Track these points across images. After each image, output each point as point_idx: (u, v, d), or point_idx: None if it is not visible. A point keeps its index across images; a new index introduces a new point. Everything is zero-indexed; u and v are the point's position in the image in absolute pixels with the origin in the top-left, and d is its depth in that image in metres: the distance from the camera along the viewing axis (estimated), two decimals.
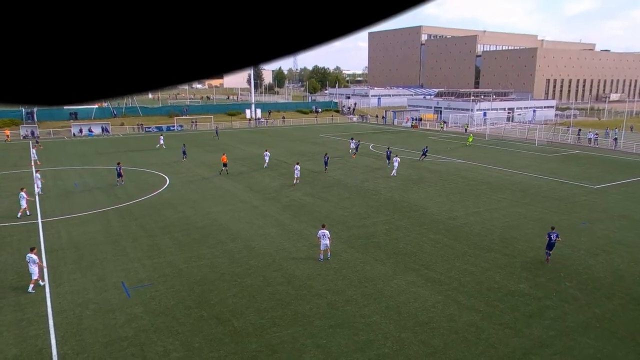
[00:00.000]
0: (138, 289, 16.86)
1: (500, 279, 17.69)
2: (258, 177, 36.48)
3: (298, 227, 23.99)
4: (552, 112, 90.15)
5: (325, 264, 19.01)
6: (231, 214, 26.18)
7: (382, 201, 29.17)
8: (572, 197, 30.36)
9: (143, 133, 69.46)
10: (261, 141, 58.63)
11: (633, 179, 36.02)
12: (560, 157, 46.42)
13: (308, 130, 71.95)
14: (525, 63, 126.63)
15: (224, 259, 19.62)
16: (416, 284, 17.20)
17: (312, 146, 53.94)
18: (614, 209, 27.42)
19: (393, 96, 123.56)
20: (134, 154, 48.74)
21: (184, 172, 38.32)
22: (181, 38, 0.81)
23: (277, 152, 48.76)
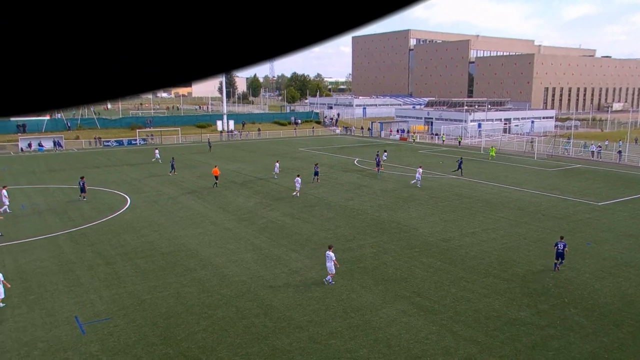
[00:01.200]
0: (94, 324, 16.47)
1: (500, 306, 17.80)
2: (231, 195, 36.28)
3: (276, 251, 23.84)
4: (551, 122, 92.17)
5: (306, 293, 18.89)
6: (201, 238, 25.92)
7: (369, 221, 29.24)
8: (575, 215, 30.90)
9: (101, 147, 68.64)
10: (234, 156, 58.47)
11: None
12: (561, 172, 47.33)
13: (286, 144, 72.07)
14: (522, 70, 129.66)
15: (193, 289, 19.35)
16: (407, 314, 17.18)
17: (291, 161, 53.99)
18: (621, 228, 27.97)
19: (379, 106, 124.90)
20: (91, 170, 48.03)
21: (147, 191, 37.89)
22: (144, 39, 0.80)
23: (252, 168, 48.65)
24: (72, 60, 0.79)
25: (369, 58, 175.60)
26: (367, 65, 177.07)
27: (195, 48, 0.83)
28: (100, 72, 0.82)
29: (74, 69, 0.81)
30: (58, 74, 0.80)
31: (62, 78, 0.81)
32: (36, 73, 0.80)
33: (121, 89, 0.87)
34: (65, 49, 0.78)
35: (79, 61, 0.80)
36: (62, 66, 0.80)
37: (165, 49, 0.82)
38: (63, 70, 0.80)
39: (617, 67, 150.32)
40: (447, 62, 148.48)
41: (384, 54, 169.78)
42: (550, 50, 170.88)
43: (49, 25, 0.74)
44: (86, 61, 0.80)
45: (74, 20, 0.74)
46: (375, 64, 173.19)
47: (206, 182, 41.00)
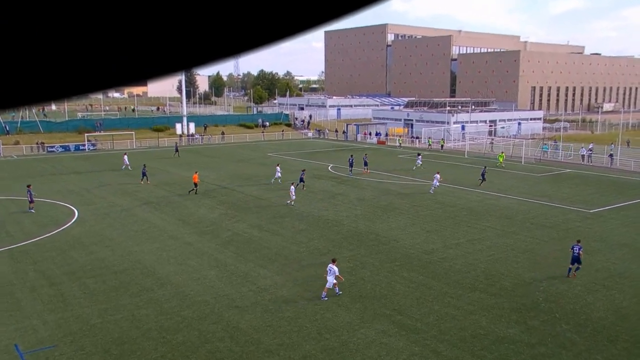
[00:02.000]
0: (37, 352, 16.05)
1: (487, 323, 18.04)
2: (192, 206, 35.94)
3: (243, 267, 23.69)
4: (539, 124, 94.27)
5: (277, 313, 18.80)
6: (158, 254, 25.58)
7: (345, 233, 29.32)
8: (565, 223, 31.59)
9: (44, 154, 67.20)
10: (195, 162, 57.96)
11: (633, 201, 37.95)
12: (550, 177, 48.39)
13: (253, 149, 71.87)
14: (507, 68, 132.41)
15: (150, 311, 19.04)
16: (388, 334, 17.25)
17: (258, 168, 53.83)
18: (613, 237, 28.71)
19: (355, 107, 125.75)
20: (33, 180, 46.91)
21: (97, 203, 37.24)
22: (93, 33, 0.79)
23: (216, 176, 48.33)
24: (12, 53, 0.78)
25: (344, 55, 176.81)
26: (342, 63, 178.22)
27: (151, 42, 0.82)
28: (43, 69, 0.80)
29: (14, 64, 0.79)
30: None
31: None
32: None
33: (69, 88, 0.85)
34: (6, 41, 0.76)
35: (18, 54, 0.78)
36: None
37: (118, 42, 0.81)
38: None
39: (607, 65, 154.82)
40: (428, 59, 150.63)
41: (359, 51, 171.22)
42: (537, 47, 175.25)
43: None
44: (27, 54, 0.79)
45: (22, 13, 0.73)
46: (350, 61, 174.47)
47: (164, 192, 40.51)
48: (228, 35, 0.83)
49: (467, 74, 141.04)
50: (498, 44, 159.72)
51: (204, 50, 0.84)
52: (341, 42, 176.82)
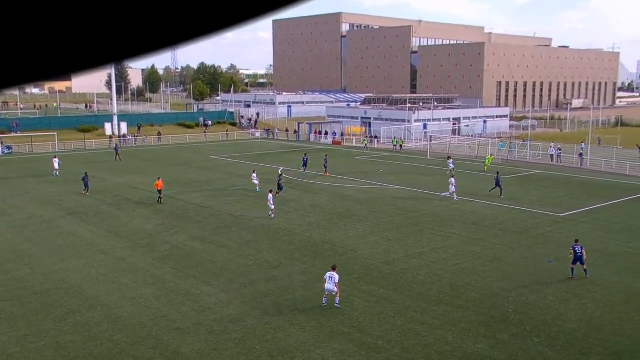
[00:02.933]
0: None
1: (454, 338, 18.36)
2: (124, 217, 35.25)
3: (184, 284, 23.37)
4: (506, 122, 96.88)
5: (222, 334, 18.62)
6: (86, 272, 24.97)
7: (298, 243, 29.32)
8: (535, 228, 32.54)
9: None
10: (128, 167, 56.88)
11: (604, 203, 39.45)
12: (519, 179, 49.79)
13: (194, 151, 71.12)
14: (471, 62, 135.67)
15: (77, 336, 18.55)
16: (347, 353, 17.33)
17: (200, 172, 53.29)
18: (585, 242, 29.57)
19: (308, 104, 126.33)
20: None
21: (12, 214, 36.06)
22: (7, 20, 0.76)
23: (151, 182, 47.45)
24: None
25: (294, 46, 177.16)
26: (292, 55, 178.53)
27: (75, 29, 0.79)
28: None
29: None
30: None
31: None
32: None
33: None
34: None
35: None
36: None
37: (32, 28, 0.79)
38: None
39: (575, 59, 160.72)
40: (386, 52, 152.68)
41: (311, 42, 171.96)
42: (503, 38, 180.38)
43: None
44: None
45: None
46: (301, 53, 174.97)
47: (93, 201, 39.57)
48: (162, 24, 0.81)
49: (428, 68, 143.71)
50: (461, 36, 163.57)
51: (135, 40, 0.82)
52: (291, 32, 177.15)
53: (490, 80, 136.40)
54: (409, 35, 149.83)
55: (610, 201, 40.21)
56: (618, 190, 44.27)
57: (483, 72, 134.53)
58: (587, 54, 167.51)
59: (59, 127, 79.11)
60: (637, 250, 28.26)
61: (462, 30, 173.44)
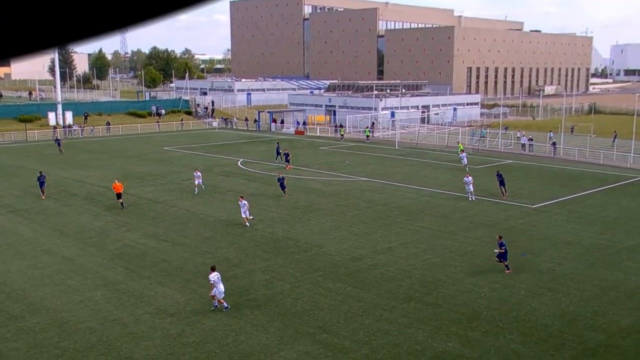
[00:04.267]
0: None
1: (424, 337, 18.59)
2: (71, 213, 34.66)
3: (137, 285, 23.14)
4: (476, 110, 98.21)
5: (179, 338, 18.50)
6: (30, 273, 24.53)
7: (259, 239, 29.28)
8: (507, 220, 33.13)
9: None
10: (74, 159, 55.88)
11: (578, 194, 40.39)
12: (490, 169, 50.50)
13: (147, 142, 70.27)
14: (441, 46, 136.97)
15: (20, 344, 18.23)
16: (312, 355, 17.40)
17: (153, 165, 52.70)
18: (558, 234, 30.42)
19: (268, 91, 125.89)
20: None
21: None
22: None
23: (100, 176, 46.82)
24: None
25: (253, 29, 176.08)
26: (251, 39, 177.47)
27: (11, 9, 0.77)
28: None
29: None
30: None
31: None
32: None
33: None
34: None
35: None
36: None
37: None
38: None
39: (547, 44, 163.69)
40: (352, 36, 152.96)
41: (271, 25, 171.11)
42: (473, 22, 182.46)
43: None
44: None
45: None
46: (261, 37, 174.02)
47: (35, 197, 38.76)
48: (110, 4, 0.79)
49: (395, 52, 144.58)
50: (430, 19, 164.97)
51: (79, 21, 0.80)
52: (250, 14, 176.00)
53: (460, 65, 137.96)
54: (375, 18, 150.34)
55: (584, 191, 41.19)
56: (591, 180, 45.36)
57: (453, 57, 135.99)
58: (559, 38, 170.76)
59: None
60: (611, 242, 29.03)
61: (431, 13, 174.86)
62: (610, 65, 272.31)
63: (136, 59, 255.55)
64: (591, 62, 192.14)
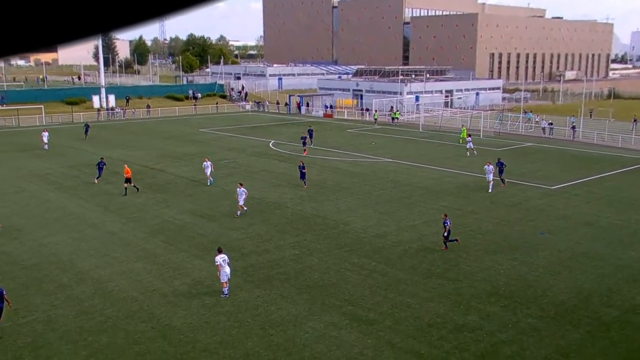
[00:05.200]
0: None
1: (445, 311, 18.57)
2: (114, 191, 35.16)
3: (175, 258, 23.44)
4: (498, 94, 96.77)
5: (214, 308, 18.75)
6: (76, 245, 24.98)
7: (290, 217, 29.40)
8: (527, 201, 32.75)
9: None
10: (116, 140, 56.60)
11: (596, 176, 39.71)
12: (511, 152, 49.93)
13: (184, 124, 70.76)
14: (464, 32, 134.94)
15: (68, 310, 18.62)
16: (338, 326, 17.50)
17: (190, 145, 53.11)
18: (576, 215, 30.00)
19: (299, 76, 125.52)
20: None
21: (1, 188, 35.87)
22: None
23: (140, 155, 47.37)
24: None
25: (285, 17, 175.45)
26: (283, 26, 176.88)
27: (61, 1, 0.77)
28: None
29: None
30: None
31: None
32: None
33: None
34: None
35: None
36: None
37: None
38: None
39: (569, 31, 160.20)
40: (379, 23, 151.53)
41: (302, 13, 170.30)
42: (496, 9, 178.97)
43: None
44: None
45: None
46: (292, 24, 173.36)
47: (83, 175, 39.40)
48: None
49: (421, 39, 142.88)
50: (454, 6, 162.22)
51: (122, 10, 0.80)
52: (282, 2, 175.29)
53: (483, 51, 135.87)
54: (401, 6, 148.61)
55: (602, 174, 40.47)
56: (609, 163, 44.53)
57: (476, 44, 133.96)
58: (580, 25, 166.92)
59: (45, 100, 78.35)
60: (627, 223, 28.53)
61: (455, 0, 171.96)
62: (630, 51, 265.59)
63: (174, 45, 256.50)
64: (612, 48, 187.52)
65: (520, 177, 38.83)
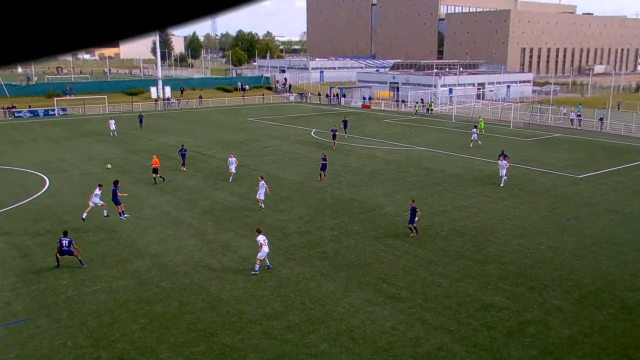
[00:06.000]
0: (10, 326, 16.06)
1: (473, 291, 18.39)
2: (169, 174, 35.73)
3: (223, 237, 23.76)
4: (528, 87, 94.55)
5: (259, 282, 18.97)
6: (135, 223, 25.53)
7: (329, 200, 29.45)
8: (554, 189, 32.04)
9: (11, 119, 66.06)
10: (171, 128, 57.48)
11: (622, 166, 38.54)
12: (539, 142, 48.83)
13: (233, 113, 71.33)
14: (497, 28, 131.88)
15: (127, 282, 19.10)
16: (373, 302, 17.52)
17: (238, 133, 53.56)
18: (602, 202, 29.23)
19: (339, 69, 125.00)
20: (2, 147, 46.27)
21: (69, 171, 36.88)
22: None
23: (193, 142, 48.01)
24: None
25: (327, 14, 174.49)
26: (325, 23, 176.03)
27: None
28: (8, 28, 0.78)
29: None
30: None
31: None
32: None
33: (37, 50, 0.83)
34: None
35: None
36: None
37: None
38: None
39: (599, 26, 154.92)
40: (415, 19, 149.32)
41: (343, 10, 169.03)
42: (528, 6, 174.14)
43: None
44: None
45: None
46: (333, 21, 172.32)
47: (141, 159, 40.18)
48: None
49: (455, 34, 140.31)
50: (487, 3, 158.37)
51: (179, 7, 0.82)
52: (324, 0, 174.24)
53: (515, 46, 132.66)
54: (437, 3, 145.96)
55: (628, 164, 39.26)
56: (636, 154, 43.13)
57: (508, 39, 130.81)
58: (610, 20, 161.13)
59: (108, 91, 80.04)
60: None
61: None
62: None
63: (224, 40, 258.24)
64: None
65: (549, 166, 37.99)
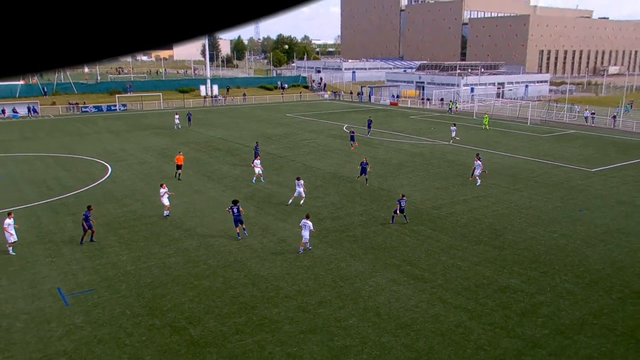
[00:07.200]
0: (77, 295, 16.55)
1: (490, 273, 18.15)
2: (215, 164, 36.16)
3: (263, 220, 23.95)
4: (545, 87, 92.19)
5: (295, 262, 19.10)
6: (185, 207, 25.93)
7: (358, 189, 29.38)
8: (568, 181, 31.27)
9: (79, 114, 67.67)
10: (218, 122, 58.05)
11: (633, 161, 37.33)
12: (555, 138, 47.66)
13: (273, 109, 71.58)
14: (517, 32, 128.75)
15: (178, 259, 19.46)
16: (397, 282, 17.47)
17: (278, 127, 53.76)
18: (613, 195, 28.41)
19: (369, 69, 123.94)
20: (69, 139, 47.51)
21: (128, 159, 37.63)
22: None
23: (237, 135, 48.44)
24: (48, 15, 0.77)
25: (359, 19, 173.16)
26: (357, 27, 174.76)
27: (176, 7, 0.81)
28: (77, 32, 0.80)
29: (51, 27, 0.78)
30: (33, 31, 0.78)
31: (35, 38, 0.79)
32: (9, 30, 0.78)
33: (102, 52, 0.85)
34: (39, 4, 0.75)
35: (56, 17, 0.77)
36: (35, 23, 0.77)
37: (146, 7, 0.80)
38: (38, 28, 0.78)
39: (614, 30, 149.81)
40: (440, 24, 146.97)
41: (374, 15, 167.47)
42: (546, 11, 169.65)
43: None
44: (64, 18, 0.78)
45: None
46: (365, 25, 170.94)
47: (191, 150, 40.72)
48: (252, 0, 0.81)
49: (477, 37, 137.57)
50: (508, 8, 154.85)
51: (226, 14, 0.83)
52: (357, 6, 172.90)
53: (534, 48, 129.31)
54: (461, 9, 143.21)
55: (639, 159, 38.01)
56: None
57: (527, 42, 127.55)
58: (625, 25, 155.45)
59: (163, 89, 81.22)
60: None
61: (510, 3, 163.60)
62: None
63: (266, 43, 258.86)
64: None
65: (563, 160, 37.08)
